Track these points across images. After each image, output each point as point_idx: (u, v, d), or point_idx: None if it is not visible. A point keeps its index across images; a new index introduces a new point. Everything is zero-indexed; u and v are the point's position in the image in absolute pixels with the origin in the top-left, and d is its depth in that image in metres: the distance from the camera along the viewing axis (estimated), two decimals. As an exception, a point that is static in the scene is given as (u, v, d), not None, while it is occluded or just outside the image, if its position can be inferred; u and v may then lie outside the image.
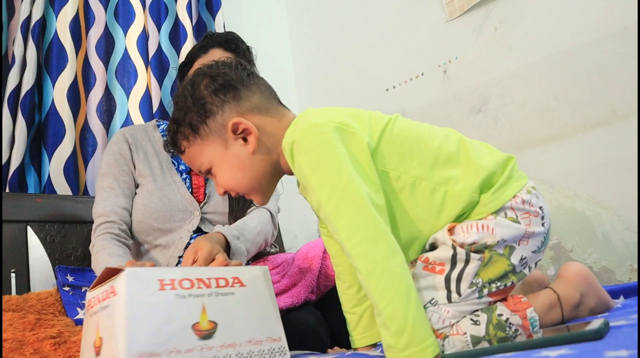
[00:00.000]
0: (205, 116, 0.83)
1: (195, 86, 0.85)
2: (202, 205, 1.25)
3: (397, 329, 0.67)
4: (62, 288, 1.24)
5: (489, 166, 0.78)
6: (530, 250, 0.76)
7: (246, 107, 0.83)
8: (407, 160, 0.78)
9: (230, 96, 0.83)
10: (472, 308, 0.74)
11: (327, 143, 0.74)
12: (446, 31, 1.82)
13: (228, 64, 0.87)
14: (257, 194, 0.87)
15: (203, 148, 0.84)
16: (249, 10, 2.31)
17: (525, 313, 0.73)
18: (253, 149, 0.82)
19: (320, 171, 0.73)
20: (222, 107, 0.82)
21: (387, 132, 0.80)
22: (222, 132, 0.82)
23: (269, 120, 0.84)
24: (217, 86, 0.83)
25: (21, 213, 1.34)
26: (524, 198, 0.77)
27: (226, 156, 0.83)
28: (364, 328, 0.94)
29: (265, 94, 0.86)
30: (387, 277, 0.68)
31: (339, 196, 0.72)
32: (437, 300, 0.75)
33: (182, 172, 1.29)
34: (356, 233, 0.70)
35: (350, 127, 0.77)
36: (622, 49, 1.40)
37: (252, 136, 0.82)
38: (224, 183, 0.85)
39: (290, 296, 1.13)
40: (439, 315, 0.73)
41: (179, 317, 0.71)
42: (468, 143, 0.82)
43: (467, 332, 0.72)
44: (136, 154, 1.27)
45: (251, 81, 0.86)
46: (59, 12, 1.61)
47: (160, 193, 1.22)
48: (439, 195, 0.77)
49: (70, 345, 0.95)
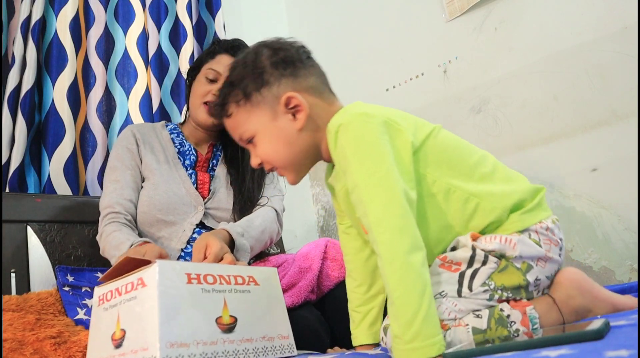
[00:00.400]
0: (261, 84, 0.84)
1: (257, 55, 0.86)
2: (206, 201, 1.28)
3: (406, 321, 0.68)
4: (62, 288, 1.23)
5: (521, 191, 0.81)
6: (544, 274, 0.78)
7: (302, 85, 0.85)
8: (444, 168, 0.80)
9: (289, 71, 0.84)
10: (479, 307, 0.75)
11: (374, 132, 0.76)
12: (446, 31, 1.81)
13: (291, 42, 0.89)
14: (292, 171, 0.87)
15: (250, 115, 0.85)
16: (249, 10, 2.31)
17: (525, 310, 0.74)
18: (301, 125, 0.83)
19: (363, 155, 0.75)
20: (279, 80, 0.84)
21: (431, 138, 0.82)
22: (274, 104, 0.83)
23: (320, 103, 0.86)
24: (278, 59, 0.85)
25: (21, 213, 1.34)
26: (549, 225, 0.80)
27: (272, 127, 0.84)
28: (367, 327, 0.95)
29: (320, 79, 0.88)
30: (405, 269, 0.70)
31: (376, 182, 0.73)
32: (447, 292, 0.76)
33: (187, 167, 1.32)
34: (385, 220, 0.72)
35: (398, 124, 0.79)
36: (622, 49, 1.40)
37: (302, 113, 0.83)
38: (263, 153, 0.86)
39: (291, 296, 1.13)
40: (446, 307, 0.75)
41: (205, 310, 0.73)
42: (502, 166, 0.85)
43: (469, 324, 0.73)
44: (143, 149, 1.30)
45: (309, 62, 0.88)
46: (59, 12, 1.61)
47: (165, 186, 1.25)
48: (471, 205, 0.79)
49: (70, 345, 0.95)
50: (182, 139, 1.37)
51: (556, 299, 0.77)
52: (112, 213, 1.20)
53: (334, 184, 0.89)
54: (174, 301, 0.70)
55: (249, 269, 0.85)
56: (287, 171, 0.87)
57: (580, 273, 0.80)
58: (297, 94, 0.83)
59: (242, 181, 1.32)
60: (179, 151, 1.34)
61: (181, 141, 1.37)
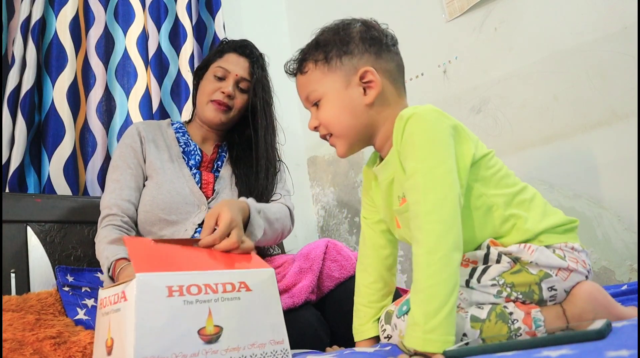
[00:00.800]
0: (344, 52, 0.87)
1: (350, 26, 0.90)
2: (210, 200, 1.28)
3: (431, 311, 0.68)
4: (62, 288, 1.24)
5: (556, 219, 0.82)
6: (563, 287, 0.77)
7: (381, 66, 0.87)
8: (491, 187, 0.82)
9: (373, 49, 0.87)
10: (483, 300, 0.75)
11: (445, 130, 0.78)
12: (446, 31, 1.81)
13: (383, 28, 0.93)
14: (345, 142, 0.89)
15: (324, 77, 0.87)
16: (249, 10, 2.31)
17: (530, 311, 0.73)
18: (370, 101, 0.86)
19: (431, 146, 0.76)
20: (362, 53, 0.87)
21: (488, 157, 0.84)
22: (350, 74, 0.86)
23: (391, 89, 0.89)
24: (368, 36, 0.88)
25: (21, 213, 1.34)
26: (576, 246, 0.80)
27: (343, 94, 0.87)
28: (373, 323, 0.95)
29: (398, 68, 0.91)
30: (443, 263, 0.70)
31: (437, 175, 0.75)
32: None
33: (191, 167, 1.32)
34: (438, 211, 0.73)
35: (466, 133, 0.82)
36: (622, 49, 1.40)
37: (373, 90, 0.86)
38: (325, 117, 0.88)
39: (291, 297, 1.13)
40: None
41: (186, 322, 0.73)
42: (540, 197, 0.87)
43: (468, 312, 0.74)
44: (147, 147, 1.30)
45: (394, 50, 0.91)
46: (58, 12, 1.61)
47: (169, 186, 1.25)
48: (509, 224, 0.81)
49: (70, 345, 0.95)
50: (188, 138, 1.37)
51: (567, 310, 0.76)
52: (110, 215, 1.20)
53: (379, 173, 0.90)
54: (151, 316, 0.71)
55: (242, 274, 0.84)
56: (340, 141, 0.89)
57: (597, 287, 0.78)
58: (375, 71, 0.85)
59: (255, 180, 1.32)
60: (184, 151, 1.34)
61: (186, 140, 1.37)
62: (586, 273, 0.79)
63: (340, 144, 0.89)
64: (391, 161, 0.85)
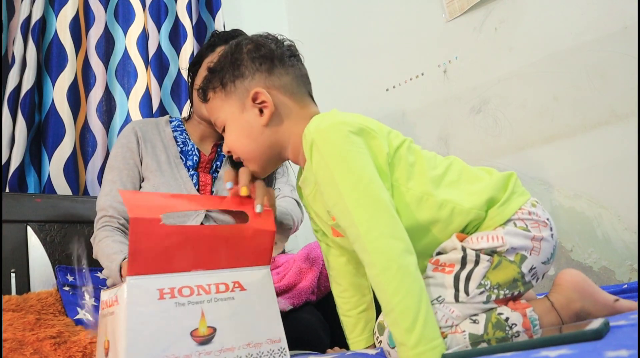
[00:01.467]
0: (236, 76, 0.87)
1: (239, 47, 0.89)
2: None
3: (408, 326, 0.68)
4: (62, 288, 1.24)
5: (491, 186, 0.82)
6: (540, 261, 0.78)
7: (274, 83, 0.87)
8: (415, 177, 0.81)
9: (264, 67, 0.87)
10: (476, 311, 0.75)
11: (352, 141, 0.76)
12: (446, 31, 1.81)
13: (277, 39, 0.91)
14: (256, 164, 0.89)
15: (224, 104, 0.88)
16: (249, 11, 2.31)
17: (525, 312, 0.73)
18: (265, 122, 0.85)
19: (345, 164, 0.75)
20: (252, 74, 0.87)
21: (402, 149, 0.83)
22: (244, 97, 0.86)
23: (290, 103, 0.87)
24: (257, 55, 0.87)
25: (21, 213, 1.34)
26: (530, 210, 0.80)
27: (240, 119, 0.87)
28: (360, 331, 0.95)
29: (297, 80, 0.90)
30: (402, 274, 0.70)
31: (362, 191, 0.73)
32: (445, 297, 0.76)
33: (189, 168, 1.29)
34: (375, 228, 0.72)
35: (374, 132, 0.80)
36: (622, 49, 1.40)
37: (267, 110, 0.85)
38: (229, 143, 0.89)
39: (291, 297, 1.13)
40: (444, 313, 0.74)
41: (178, 324, 0.73)
42: (468, 169, 0.86)
43: (465, 330, 0.73)
44: (144, 148, 1.28)
45: (290, 62, 0.89)
46: (58, 12, 1.61)
47: (166, 188, 1.22)
48: (447, 210, 0.80)
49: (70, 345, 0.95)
50: (186, 137, 1.34)
51: (555, 303, 0.76)
52: (106, 216, 1.19)
53: (303, 187, 0.89)
54: (143, 319, 0.71)
55: (236, 274, 0.83)
56: (251, 164, 0.89)
57: (581, 275, 0.79)
58: (265, 91, 0.85)
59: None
60: (182, 151, 1.31)
61: (184, 139, 1.33)
62: (551, 233, 0.80)
63: (252, 166, 0.89)
64: (308, 176, 0.85)
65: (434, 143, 1.82)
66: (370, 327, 0.95)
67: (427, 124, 1.85)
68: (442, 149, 1.80)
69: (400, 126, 1.90)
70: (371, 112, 1.97)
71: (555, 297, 0.77)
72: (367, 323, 0.95)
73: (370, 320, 0.95)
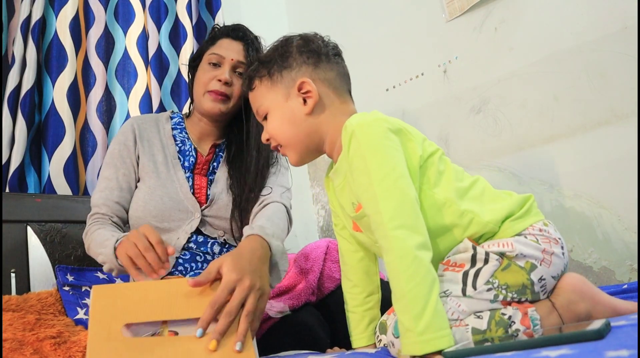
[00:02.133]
0: (284, 66, 0.92)
1: (289, 42, 0.94)
2: (204, 207, 1.20)
3: (417, 313, 0.70)
4: (62, 288, 1.24)
5: (510, 204, 0.86)
6: (550, 274, 0.79)
7: (319, 75, 0.92)
8: (442, 185, 0.85)
9: (311, 61, 0.92)
10: (483, 308, 0.75)
11: (390, 137, 0.81)
12: (446, 31, 1.81)
13: (323, 38, 0.96)
14: (294, 151, 0.93)
15: (269, 91, 0.92)
16: (249, 11, 2.31)
17: (527, 310, 0.74)
18: (308, 110, 0.90)
19: (380, 156, 0.79)
20: (300, 66, 0.91)
21: (435, 157, 0.87)
22: (290, 86, 0.91)
23: (333, 97, 0.92)
24: (306, 49, 0.92)
25: (21, 213, 1.34)
26: (542, 228, 0.83)
27: (284, 106, 0.91)
28: (364, 328, 0.96)
29: (340, 76, 0.95)
30: (417, 264, 0.72)
31: (392, 182, 0.77)
32: (452, 291, 0.77)
33: (186, 169, 1.25)
34: (399, 217, 0.75)
35: (411, 134, 0.85)
36: (622, 49, 1.40)
37: (311, 100, 0.89)
38: (272, 129, 0.92)
39: (291, 298, 1.13)
40: (450, 306, 0.76)
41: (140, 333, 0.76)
42: (490, 188, 0.90)
43: (469, 324, 0.74)
44: (141, 146, 1.25)
45: (335, 59, 0.95)
46: (58, 12, 1.61)
47: (162, 191, 1.19)
48: (466, 219, 0.83)
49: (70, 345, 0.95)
50: (185, 136, 1.30)
51: (556, 303, 0.77)
52: (99, 214, 1.17)
53: (334, 178, 0.93)
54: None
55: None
56: (290, 150, 0.93)
57: (581, 278, 0.81)
58: (310, 81, 0.89)
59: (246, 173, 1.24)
60: (180, 150, 1.28)
61: (183, 138, 1.29)
62: (562, 251, 0.82)
63: (290, 153, 0.93)
64: (341, 167, 0.88)
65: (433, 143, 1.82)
66: (374, 326, 0.96)
67: (427, 124, 1.85)
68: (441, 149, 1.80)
69: (400, 126, 1.90)
70: (371, 112, 1.96)
71: (556, 299, 0.78)
72: (371, 321, 0.96)
73: (375, 319, 0.97)
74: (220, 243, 1.21)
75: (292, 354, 0.98)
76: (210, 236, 1.20)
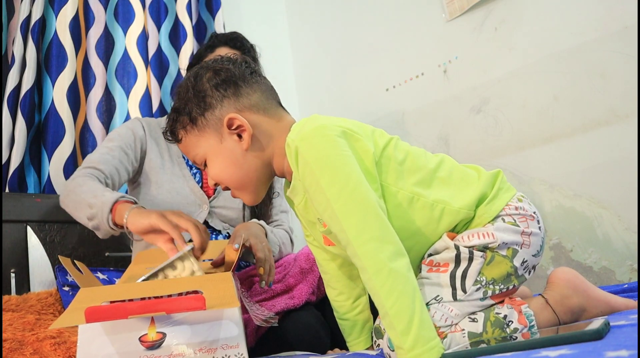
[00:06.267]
0: (204, 108, 0.84)
1: (198, 78, 0.86)
2: (212, 199, 1.27)
3: (403, 328, 0.68)
4: (62, 288, 1.24)
5: (480, 185, 0.82)
6: (530, 254, 0.79)
7: (244, 104, 0.84)
8: (405, 177, 0.80)
9: (230, 92, 0.84)
10: (475, 309, 0.75)
11: (336, 145, 0.75)
12: (446, 31, 1.81)
13: (233, 60, 0.88)
14: (246, 192, 0.87)
15: (199, 139, 0.85)
16: (249, 11, 2.31)
17: (520, 308, 0.74)
18: (247, 146, 0.83)
19: (330, 170, 0.74)
20: (221, 102, 0.84)
21: (390, 148, 0.82)
22: (218, 126, 0.84)
23: (266, 120, 0.85)
24: (219, 81, 0.84)
25: (21, 213, 1.34)
26: (517, 205, 0.81)
27: (220, 149, 0.84)
28: (358, 333, 0.95)
29: (265, 94, 0.87)
30: (393, 277, 0.69)
31: (348, 196, 0.73)
32: (442, 297, 0.76)
33: (191, 166, 1.31)
34: (364, 232, 0.71)
35: (357, 134, 0.79)
36: (622, 49, 1.40)
37: (246, 133, 0.83)
38: (215, 175, 0.86)
39: (291, 298, 1.13)
40: (443, 313, 0.74)
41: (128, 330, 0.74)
42: (458, 167, 0.86)
43: (465, 329, 0.73)
44: (149, 141, 1.28)
45: (253, 79, 0.87)
46: (58, 12, 1.61)
47: (169, 186, 1.23)
48: (438, 210, 0.80)
49: (70, 345, 0.95)
50: None
51: (549, 299, 0.77)
52: (95, 168, 1.11)
53: (292, 197, 0.88)
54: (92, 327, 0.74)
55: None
56: (243, 192, 0.87)
57: (574, 273, 0.81)
58: (239, 115, 0.83)
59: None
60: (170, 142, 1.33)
61: None
62: (539, 226, 0.81)
63: (244, 195, 0.87)
64: (297, 186, 0.84)
65: (434, 143, 1.82)
66: (369, 327, 0.95)
67: (427, 124, 1.85)
68: (442, 149, 1.80)
69: (400, 126, 1.90)
70: (371, 113, 1.97)
71: (549, 294, 0.78)
72: (364, 325, 0.95)
73: (368, 321, 0.96)
74: (224, 236, 1.27)
75: (292, 354, 0.98)
76: (215, 229, 1.26)
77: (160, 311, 0.70)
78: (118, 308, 0.70)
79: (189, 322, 0.77)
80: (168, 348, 0.75)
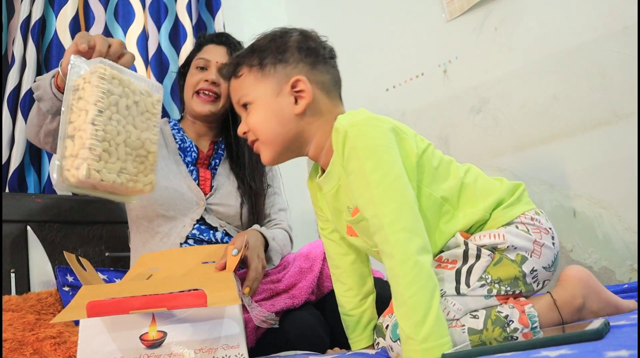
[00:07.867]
0: (279, 59, 0.85)
1: (287, 35, 0.88)
2: (208, 196, 1.28)
3: (418, 320, 0.69)
4: (62, 288, 1.23)
5: (500, 191, 0.85)
6: (541, 265, 0.79)
7: (315, 77, 0.86)
8: (438, 182, 0.83)
9: (309, 60, 0.86)
10: (477, 305, 0.75)
11: (385, 136, 0.78)
12: (446, 31, 1.81)
13: (323, 40, 0.91)
14: (271, 150, 0.87)
15: (257, 83, 0.86)
16: (249, 11, 2.31)
17: (524, 308, 0.74)
18: (299, 111, 0.85)
19: (376, 157, 0.76)
20: (296, 63, 0.85)
21: (428, 152, 0.85)
22: (282, 82, 0.85)
23: (325, 100, 0.87)
24: (304, 46, 0.87)
25: (21, 213, 1.34)
26: (533, 216, 0.83)
27: (272, 102, 0.85)
28: (362, 331, 0.95)
29: (334, 80, 0.90)
30: (418, 269, 0.71)
31: (389, 184, 0.75)
32: (445, 291, 0.77)
33: (188, 164, 1.32)
34: (399, 221, 0.73)
35: (404, 133, 0.82)
36: (622, 49, 1.40)
37: (304, 100, 0.84)
38: (253, 123, 0.86)
39: (291, 297, 1.13)
40: (445, 307, 0.75)
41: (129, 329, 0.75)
42: (484, 177, 0.89)
43: (465, 325, 0.74)
44: None
45: (331, 63, 0.90)
46: (58, 12, 1.61)
47: (166, 182, 1.24)
48: (461, 213, 0.83)
49: (70, 345, 0.95)
50: (183, 135, 1.36)
51: (557, 300, 0.77)
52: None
53: (322, 184, 0.89)
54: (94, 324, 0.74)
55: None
56: (267, 148, 0.87)
57: (587, 272, 0.80)
58: (307, 81, 0.84)
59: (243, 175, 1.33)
60: (180, 147, 1.33)
61: (182, 137, 1.36)
62: (552, 242, 0.82)
63: (266, 151, 0.87)
64: (334, 172, 0.85)
65: (434, 143, 1.81)
66: (372, 326, 0.95)
67: (427, 124, 1.85)
68: (442, 149, 1.80)
69: (400, 126, 1.90)
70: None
71: (558, 293, 0.77)
72: (368, 323, 0.95)
73: (372, 320, 0.96)
74: (222, 233, 1.28)
75: (292, 354, 0.98)
76: (212, 226, 1.27)
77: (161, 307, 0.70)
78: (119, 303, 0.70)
79: (190, 320, 0.77)
80: (168, 348, 0.75)
